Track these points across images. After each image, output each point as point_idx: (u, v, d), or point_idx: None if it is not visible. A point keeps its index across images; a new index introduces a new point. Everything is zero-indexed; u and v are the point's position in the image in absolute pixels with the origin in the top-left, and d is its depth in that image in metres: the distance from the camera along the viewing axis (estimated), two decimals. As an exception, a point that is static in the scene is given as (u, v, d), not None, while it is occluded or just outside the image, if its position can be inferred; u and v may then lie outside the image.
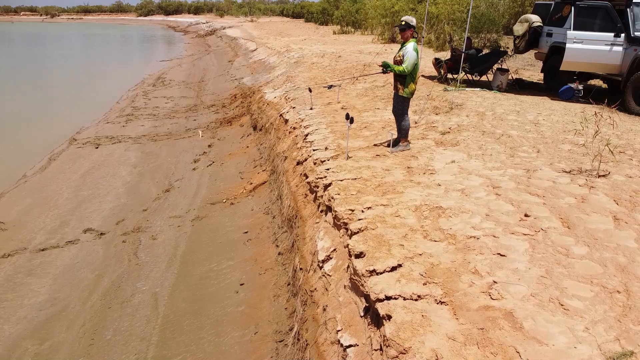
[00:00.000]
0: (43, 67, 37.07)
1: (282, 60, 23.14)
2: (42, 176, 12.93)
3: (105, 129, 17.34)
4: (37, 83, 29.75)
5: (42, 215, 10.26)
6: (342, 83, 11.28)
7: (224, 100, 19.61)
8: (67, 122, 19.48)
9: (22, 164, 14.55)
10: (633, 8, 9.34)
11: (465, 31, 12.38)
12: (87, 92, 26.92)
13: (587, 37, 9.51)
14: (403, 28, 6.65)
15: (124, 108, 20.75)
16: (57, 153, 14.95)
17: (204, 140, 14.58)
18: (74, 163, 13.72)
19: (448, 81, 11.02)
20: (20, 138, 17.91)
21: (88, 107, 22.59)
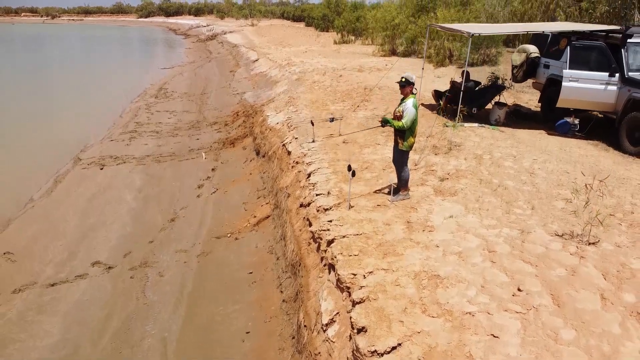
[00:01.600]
0: (44, 75, 37.30)
1: (284, 75, 23.38)
2: (49, 200, 13.17)
3: (109, 147, 17.56)
4: (39, 93, 29.98)
5: (50, 245, 10.52)
6: (343, 115, 11.50)
7: (226, 117, 19.85)
8: (71, 136, 19.76)
9: (29, 184, 14.83)
10: (628, 47, 9.59)
11: (466, 57, 12.62)
12: (90, 103, 27.13)
13: (582, 76, 9.76)
14: (403, 84, 6.90)
15: (127, 123, 20.99)
16: (62, 174, 15.19)
17: (208, 163, 14.83)
18: (79, 185, 13.96)
19: (447, 113, 11.26)
20: (25, 154, 18.15)
21: (92, 121, 22.87)
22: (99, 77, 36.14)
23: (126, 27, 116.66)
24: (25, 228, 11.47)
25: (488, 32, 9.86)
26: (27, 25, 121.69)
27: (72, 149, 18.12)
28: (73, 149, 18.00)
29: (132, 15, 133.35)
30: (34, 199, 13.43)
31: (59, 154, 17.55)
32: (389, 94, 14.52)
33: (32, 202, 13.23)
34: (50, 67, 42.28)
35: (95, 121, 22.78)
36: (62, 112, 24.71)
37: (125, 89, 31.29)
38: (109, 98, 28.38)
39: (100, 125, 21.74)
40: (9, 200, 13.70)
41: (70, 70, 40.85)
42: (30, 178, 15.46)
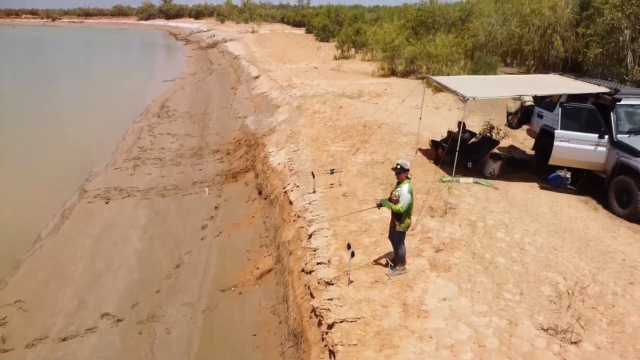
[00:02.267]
0: (46, 88, 37.56)
1: (285, 99, 23.75)
2: (56, 238, 13.54)
3: (113, 176, 17.92)
4: (41, 110, 30.32)
5: (60, 293, 10.89)
6: (342, 167, 11.87)
7: (228, 145, 20.21)
8: (76, 160, 20.31)
9: (36, 217, 15.26)
10: (617, 111, 9.98)
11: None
12: (94, 121, 27.54)
13: (573, 136, 10.16)
14: (399, 171, 7.26)
15: (130, 148, 21.35)
16: (69, 208, 15.58)
17: (211, 199, 15.20)
18: (86, 223, 14.33)
19: (444, 163, 11.64)
20: (32, 178, 18.58)
21: (96, 142, 23.35)
22: (101, 91, 36.46)
23: (127, 30, 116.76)
24: (35, 272, 11.85)
25: (483, 96, 10.21)
26: (27, 28, 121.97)
27: (77, 174, 18.56)
28: (78, 176, 18.42)
29: (133, 18, 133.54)
30: (41, 237, 13.81)
31: (65, 180, 18.02)
32: (387, 134, 14.88)
33: (40, 240, 13.61)
34: (51, 79, 42.55)
35: (99, 143, 23.23)
36: (65, 131, 25.08)
37: (128, 105, 31.73)
38: (112, 115, 28.81)
39: (104, 147, 22.19)
40: (18, 235, 14.12)
41: (72, 82, 41.13)
42: (37, 209, 15.89)
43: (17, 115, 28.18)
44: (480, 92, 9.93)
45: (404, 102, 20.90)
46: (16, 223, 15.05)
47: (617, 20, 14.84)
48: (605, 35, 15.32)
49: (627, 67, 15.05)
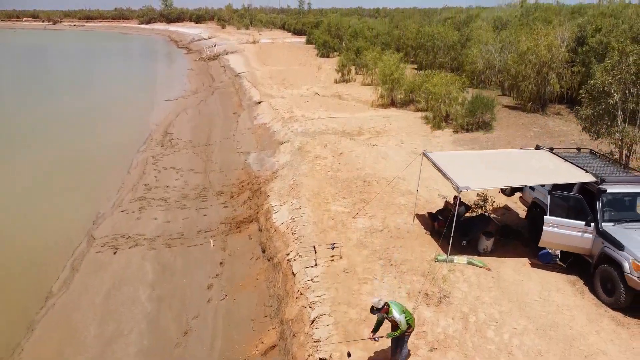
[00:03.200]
0: (48, 111, 37.98)
1: (286, 134, 24.33)
2: (67, 296, 14.10)
3: (120, 221, 18.48)
4: (45, 136, 30.90)
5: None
6: (342, 243, 12.42)
7: (231, 187, 20.73)
8: (83, 196, 20.97)
9: (46, 266, 15.88)
10: (602, 200, 10.56)
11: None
12: (99, 150, 28.13)
13: (561, 222, 10.72)
14: (375, 312, 7.75)
15: (136, 185, 21.90)
16: (78, 258, 16.17)
17: (216, 253, 15.74)
18: (95, 276, 14.90)
19: (440, 235, 12.22)
20: (39, 218, 19.19)
21: (101, 174, 24.01)
22: (106, 113, 36.97)
23: (128, 35, 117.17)
24: (49, 336, 12.43)
25: (478, 187, 10.77)
26: (28, 32, 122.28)
27: (84, 214, 19.22)
28: (86, 216, 19.04)
29: (134, 21, 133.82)
30: (53, 293, 14.39)
31: (73, 221, 18.74)
32: (386, 193, 15.43)
33: (52, 296, 14.19)
34: (53, 100, 42.89)
35: (105, 175, 23.92)
36: (72, 162, 25.64)
37: (133, 129, 32.35)
38: (117, 142, 29.40)
39: (109, 181, 22.85)
40: (30, 288, 14.75)
41: (76, 103, 41.51)
42: (47, 255, 16.52)
43: (19, 142, 28.81)
44: (474, 181, 10.49)
45: (403, 144, 21.53)
46: (27, 273, 15.65)
47: (608, 84, 15.40)
48: (597, 96, 15.89)
49: (617, 126, 15.63)
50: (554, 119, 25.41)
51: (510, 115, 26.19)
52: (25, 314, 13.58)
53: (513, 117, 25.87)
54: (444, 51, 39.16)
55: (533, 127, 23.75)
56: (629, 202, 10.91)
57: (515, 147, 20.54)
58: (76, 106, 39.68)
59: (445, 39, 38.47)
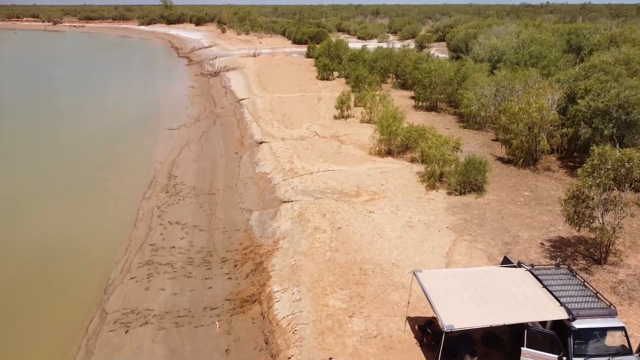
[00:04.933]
0: (49, 142, 38.95)
1: (287, 191, 25.38)
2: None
3: (130, 292, 19.56)
4: (51, 174, 31.91)
5: None
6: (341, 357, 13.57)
7: (235, 253, 21.79)
8: (92, 257, 22.06)
9: (61, 344, 16.98)
10: (573, 337, 11.70)
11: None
12: (102, 195, 29.20)
13: (536, 354, 11.88)
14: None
15: (143, 246, 22.98)
16: (92, 337, 17.24)
17: (221, 338, 16.84)
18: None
19: (429, 346, 13.36)
20: (49, 284, 20.26)
21: (108, 227, 25.15)
22: (108, 147, 37.87)
23: (128, 39, 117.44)
24: None
25: (461, 326, 11.85)
26: (28, 35, 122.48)
27: (95, 280, 20.30)
28: (96, 283, 20.12)
29: (134, 22, 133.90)
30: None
31: (84, 289, 19.80)
32: (381, 286, 16.57)
33: (70, 386, 15.33)
34: (54, 127, 43.79)
35: (112, 227, 25.07)
36: (78, 211, 26.70)
37: (136, 168, 33.36)
38: (121, 186, 30.45)
39: (117, 235, 23.99)
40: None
41: (78, 132, 42.46)
42: (62, 330, 17.66)
43: (20, 189, 29.77)
44: (457, 319, 11.63)
45: (398, 211, 22.63)
46: (44, 352, 16.81)
47: (588, 187, 16.51)
48: (579, 195, 17.02)
49: (597, 224, 16.83)
50: (544, 177, 26.52)
51: (502, 171, 27.28)
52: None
53: (505, 174, 26.95)
54: (440, 87, 40.13)
55: (523, 189, 24.85)
56: (599, 335, 12.05)
57: (505, 216, 21.76)
58: (77, 138, 40.63)
59: (441, 76, 39.42)
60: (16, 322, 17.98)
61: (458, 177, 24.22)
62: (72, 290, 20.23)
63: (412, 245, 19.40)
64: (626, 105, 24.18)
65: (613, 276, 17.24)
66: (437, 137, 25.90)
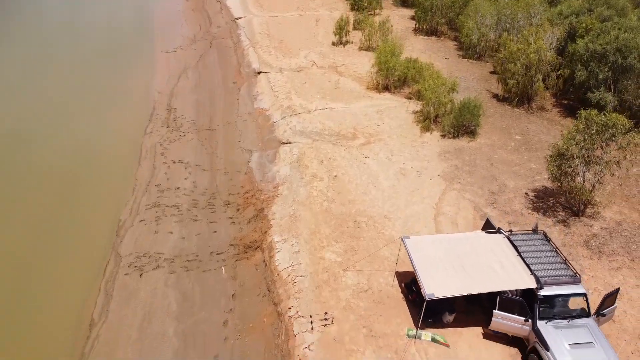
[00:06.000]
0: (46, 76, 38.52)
1: (285, 132, 26.14)
2: (107, 326, 17.07)
3: (141, 235, 21.01)
4: (48, 107, 32.13)
5: None
6: (334, 316, 15.24)
7: (237, 196, 23.01)
8: (101, 197, 23.56)
9: (81, 283, 18.75)
10: (539, 303, 13.29)
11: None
12: (104, 129, 29.94)
13: (506, 316, 13.51)
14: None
15: (149, 187, 24.12)
16: (109, 280, 18.94)
17: (228, 282, 18.53)
18: (128, 306, 17.78)
19: (413, 304, 15.10)
20: (64, 227, 21.72)
21: (114, 166, 26.24)
22: (104, 77, 37.32)
23: None
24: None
25: (441, 295, 13.24)
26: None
27: (106, 221, 21.80)
28: (108, 224, 21.57)
29: None
30: (95, 321, 17.37)
31: (97, 230, 21.39)
32: (372, 240, 18.02)
33: (94, 325, 17.19)
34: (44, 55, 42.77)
35: (117, 165, 26.19)
36: (80, 151, 27.46)
37: (135, 98, 33.63)
38: (122, 119, 30.95)
39: (123, 173, 25.24)
40: (73, 311, 17.76)
41: (68, 54, 41.49)
42: (81, 271, 19.35)
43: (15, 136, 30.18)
44: (438, 287, 13.13)
45: (392, 156, 23.60)
46: (67, 293, 18.53)
47: (570, 150, 17.37)
48: (559, 156, 17.96)
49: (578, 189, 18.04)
50: (537, 118, 27.15)
51: (496, 111, 27.81)
52: (75, 343, 16.70)
53: (499, 114, 27.52)
54: (441, 11, 39.15)
55: (515, 133, 25.61)
56: (562, 300, 13.66)
57: (495, 163, 22.80)
58: (69, 60, 39.80)
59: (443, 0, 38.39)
60: (36, 265, 19.49)
61: (452, 121, 24.85)
62: (86, 232, 21.60)
63: (404, 195, 20.61)
64: (624, 49, 24.21)
65: (588, 229, 18.66)
66: (435, 77, 26.08)
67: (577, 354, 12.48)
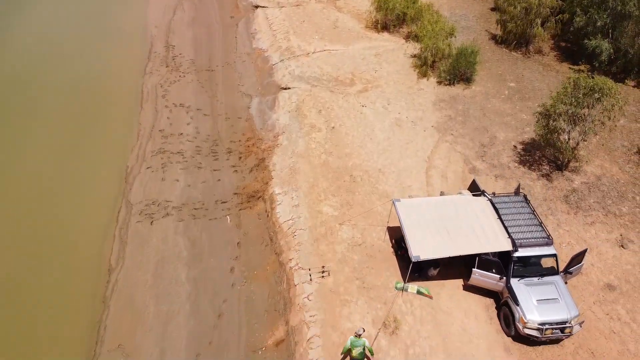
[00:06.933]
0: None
1: (284, 77, 26.60)
2: (125, 271, 18.74)
3: (149, 182, 22.21)
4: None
5: (144, 339, 16.65)
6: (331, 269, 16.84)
7: (238, 144, 23.98)
8: (106, 142, 24.60)
9: (96, 229, 20.31)
10: (513, 263, 14.87)
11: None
12: (104, 69, 30.22)
13: (483, 274, 15.14)
14: (358, 335, 12.71)
15: (152, 132, 25.03)
16: (123, 227, 20.41)
17: (233, 230, 20.03)
18: (142, 252, 19.38)
19: (401, 259, 16.72)
20: (75, 173, 22.91)
21: (116, 107, 26.99)
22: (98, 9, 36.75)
23: None
24: (120, 315, 17.34)
25: (426, 257, 14.67)
26: None
27: (114, 167, 23.03)
28: (116, 171, 22.79)
29: None
30: (112, 267, 19.05)
31: (107, 176, 22.63)
32: (367, 195, 19.33)
33: (112, 271, 18.87)
34: None
35: (119, 107, 27.01)
36: (82, 91, 27.96)
37: (132, 32, 33.40)
38: (121, 57, 31.08)
39: (126, 115, 26.16)
40: (92, 258, 19.42)
41: None
42: (94, 218, 20.82)
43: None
44: (424, 250, 14.64)
45: (389, 105, 24.37)
46: (84, 239, 20.05)
47: (558, 112, 18.20)
48: (547, 117, 18.81)
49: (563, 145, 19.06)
50: (533, 63, 27.49)
51: (493, 55, 28.06)
52: (96, 288, 18.51)
53: (496, 58, 27.81)
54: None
55: (510, 79, 26.11)
56: (534, 260, 15.24)
57: (487, 113, 23.64)
58: None
59: None
60: (51, 210, 20.86)
61: (448, 68, 25.26)
62: (95, 178, 22.73)
63: (398, 147, 21.64)
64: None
65: (569, 184, 19.95)
66: (433, 23, 26.08)
67: (542, 309, 14.27)
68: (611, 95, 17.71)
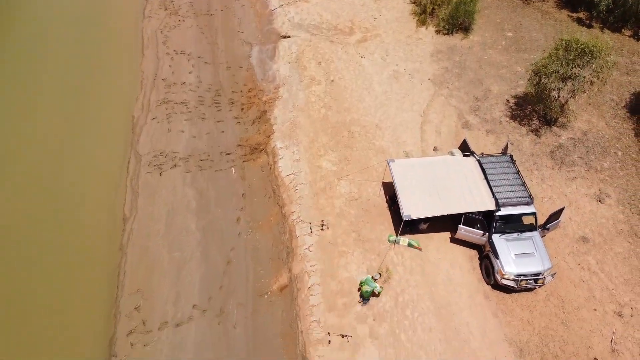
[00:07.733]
0: None
1: (284, 24, 26.75)
2: (138, 222, 20.22)
3: (155, 133, 23.26)
4: None
5: (161, 284, 18.37)
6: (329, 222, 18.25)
7: (240, 95, 24.69)
8: (111, 91, 25.30)
9: (109, 179, 21.59)
10: (495, 221, 16.28)
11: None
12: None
13: (468, 230, 16.59)
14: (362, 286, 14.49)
15: (156, 81, 25.72)
16: (134, 178, 21.67)
17: (237, 182, 21.31)
18: (153, 203, 20.79)
19: (391, 209, 18.15)
20: (84, 122, 23.85)
21: (118, 53, 27.47)
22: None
23: None
24: (138, 262, 19.02)
25: (417, 215, 15.91)
26: None
27: (121, 117, 23.90)
28: (122, 120, 23.72)
29: None
30: (127, 216, 20.52)
31: (114, 126, 23.50)
32: (364, 151, 20.42)
33: (127, 220, 20.36)
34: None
35: (121, 53, 27.36)
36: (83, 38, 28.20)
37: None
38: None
39: (128, 62, 26.70)
40: (106, 206, 20.83)
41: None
42: (106, 168, 22.00)
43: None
44: (415, 209, 15.95)
45: (387, 56, 24.88)
46: (97, 188, 21.32)
47: (548, 75, 18.91)
48: (538, 74, 19.52)
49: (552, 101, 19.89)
50: (532, 10, 27.56)
51: (493, 1, 27.99)
52: (113, 235, 20.07)
53: (495, 5, 27.83)
54: None
55: (508, 29, 26.34)
56: (515, 218, 16.67)
57: (483, 65, 24.22)
58: None
59: None
60: (64, 157, 22.04)
61: (447, 17, 25.43)
62: (103, 127, 23.67)
63: (395, 102, 22.45)
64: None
65: (556, 139, 20.99)
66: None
67: (519, 262, 15.92)
68: (601, 57, 18.32)
